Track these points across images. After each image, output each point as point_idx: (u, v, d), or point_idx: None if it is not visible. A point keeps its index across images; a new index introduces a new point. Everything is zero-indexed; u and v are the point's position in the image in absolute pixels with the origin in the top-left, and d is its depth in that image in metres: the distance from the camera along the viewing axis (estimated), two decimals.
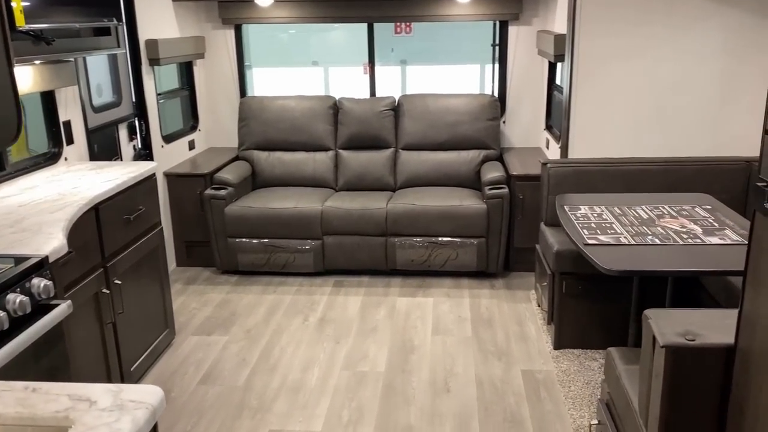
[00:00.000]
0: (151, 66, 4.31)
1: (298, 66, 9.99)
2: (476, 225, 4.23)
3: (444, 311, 3.95)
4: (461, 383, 3.20)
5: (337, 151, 4.93)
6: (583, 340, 3.45)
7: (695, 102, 3.70)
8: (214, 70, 5.19)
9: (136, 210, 3.16)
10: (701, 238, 2.61)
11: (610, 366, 2.29)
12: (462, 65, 9.29)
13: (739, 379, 1.61)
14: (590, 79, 3.74)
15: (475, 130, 4.75)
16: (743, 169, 3.57)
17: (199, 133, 5.16)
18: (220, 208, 4.44)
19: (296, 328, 3.79)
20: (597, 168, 3.69)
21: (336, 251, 4.41)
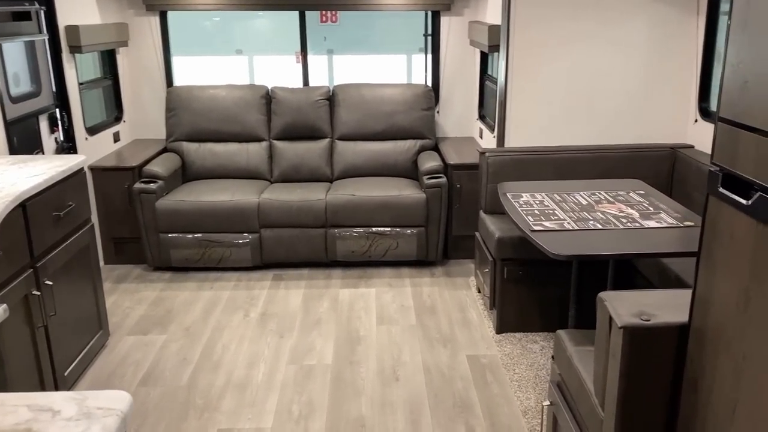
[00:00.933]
0: (72, 54, 4.08)
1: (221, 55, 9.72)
2: (416, 214, 4.26)
3: (387, 301, 3.96)
4: (409, 371, 3.22)
5: (271, 142, 4.83)
6: (523, 323, 3.55)
7: (623, 92, 3.85)
8: (138, 59, 4.97)
9: (66, 206, 2.99)
10: (639, 222, 2.73)
11: (560, 348, 2.36)
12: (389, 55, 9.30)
13: (694, 356, 1.69)
14: (525, 70, 3.83)
15: (411, 120, 4.77)
16: (668, 155, 3.76)
17: (124, 125, 4.93)
18: (151, 203, 4.26)
19: (237, 324, 3.71)
20: (533, 156, 3.78)
21: (274, 244, 4.33)
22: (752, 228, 1.42)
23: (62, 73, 3.99)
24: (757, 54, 1.42)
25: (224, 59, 9.74)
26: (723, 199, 1.53)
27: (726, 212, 1.52)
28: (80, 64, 4.31)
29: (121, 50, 4.85)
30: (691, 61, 3.77)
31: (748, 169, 1.45)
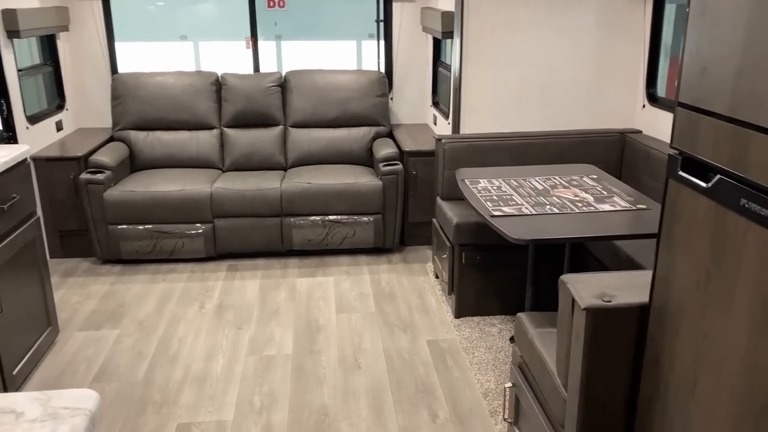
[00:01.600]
0: (10, 39, 3.89)
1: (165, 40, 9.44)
2: (372, 202, 4.25)
3: (346, 289, 3.95)
4: (371, 358, 3.22)
5: (222, 130, 4.73)
6: (481, 307, 3.60)
7: (573, 78, 3.92)
8: (80, 45, 4.78)
9: (9, 199, 2.86)
10: (594, 206, 2.79)
11: (521, 330, 2.40)
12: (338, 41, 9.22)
13: (654, 335, 1.74)
14: (478, 56, 3.85)
15: (365, 106, 4.75)
16: (618, 140, 3.85)
17: (67, 113, 4.74)
18: (98, 194, 4.13)
19: (193, 316, 3.63)
20: (488, 142, 3.82)
21: (228, 234, 4.25)
22: (712, 210, 1.47)
23: (0, 59, 3.80)
24: (714, 40, 1.46)
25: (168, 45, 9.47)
26: (683, 182, 1.58)
27: (686, 195, 1.57)
28: (18, 50, 4.11)
29: (62, 35, 4.65)
30: (638, 48, 3.87)
31: (707, 152, 1.49)
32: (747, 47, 1.34)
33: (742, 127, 1.37)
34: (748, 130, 1.34)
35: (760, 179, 1.30)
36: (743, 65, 1.35)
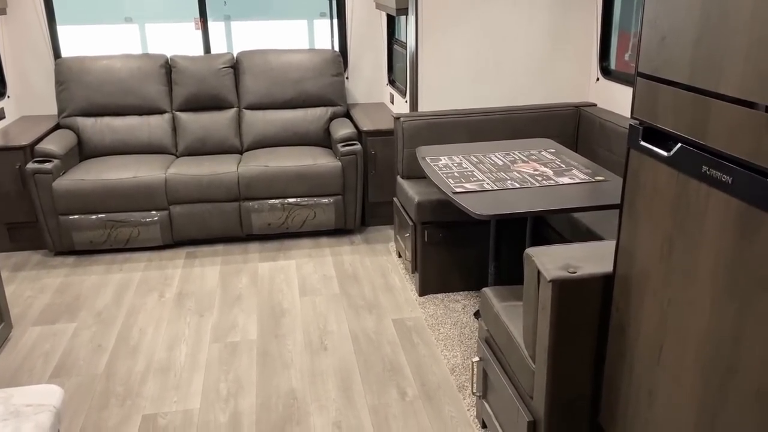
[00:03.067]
0: None
1: (108, 23, 9.12)
2: (332, 183, 4.21)
3: (308, 272, 3.92)
4: (337, 340, 3.21)
5: (174, 114, 4.61)
6: (444, 284, 3.62)
7: (528, 53, 3.94)
8: (19, 28, 4.57)
9: None
10: (554, 180, 2.82)
11: (487, 305, 2.42)
12: (289, 21, 9.06)
13: (619, 304, 1.77)
14: (434, 33, 3.83)
15: (321, 86, 4.68)
16: (573, 113, 3.89)
17: (9, 100, 4.54)
18: (47, 184, 3.98)
19: (153, 305, 3.55)
20: (446, 120, 3.82)
21: (185, 221, 4.16)
22: (673, 178, 1.49)
23: None
24: (673, 9, 1.47)
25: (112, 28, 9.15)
26: (644, 152, 1.60)
27: (647, 164, 1.59)
28: None
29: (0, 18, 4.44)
30: (591, 21, 3.90)
31: (667, 121, 1.51)
32: (705, 15, 1.36)
33: (701, 95, 1.38)
34: (707, 98, 1.36)
35: (720, 146, 1.33)
36: (702, 33, 1.37)
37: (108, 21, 9.28)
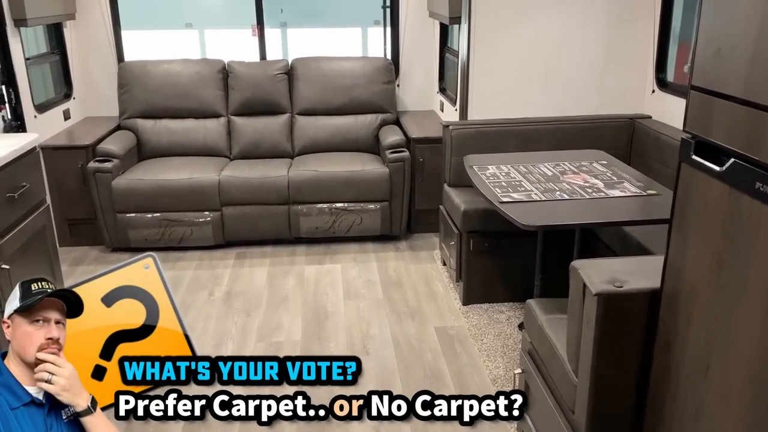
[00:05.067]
0: (17, 27, 3.89)
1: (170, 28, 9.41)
2: (379, 189, 4.24)
3: (353, 276, 3.95)
4: (379, 344, 3.23)
5: (230, 118, 4.73)
6: (489, 294, 3.60)
7: (582, 63, 3.89)
8: (86, 33, 4.77)
9: (20, 187, 2.87)
10: (604, 192, 2.78)
11: (531, 317, 2.40)
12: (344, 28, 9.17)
13: (666, 319, 1.74)
14: (486, 42, 3.83)
15: (371, 93, 4.73)
16: (627, 126, 3.83)
17: (75, 102, 4.75)
18: (107, 182, 4.13)
19: (203, 303, 3.65)
20: (496, 129, 3.80)
21: (236, 222, 4.26)
22: (725, 194, 1.46)
23: (7, 47, 3.80)
24: (729, 21, 1.44)
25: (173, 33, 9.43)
26: (696, 167, 1.57)
27: (699, 179, 1.56)
28: (26, 38, 4.11)
29: (69, 24, 4.64)
30: (648, 32, 3.83)
31: (720, 136, 1.48)
32: (763, 28, 1.33)
33: (757, 109, 1.35)
34: (763, 112, 1.33)
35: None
36: (759, 46, 1.34)
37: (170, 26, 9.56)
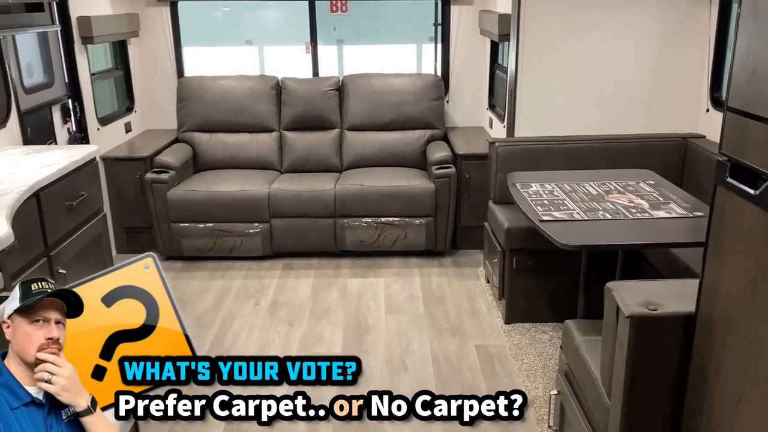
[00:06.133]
0: (84, 44, 4.11)
1: (231, 45, 9.70)
2: (424, 204, 4.27)
3: (396, 290, 3.98)
4: (418, 360, 3.24)
5: (281, 132, 4.85)
6: (532, 314, 3.55)
7: (633, 81, 3.83)
8: (149, 49, 4.99)
9: (78, 196, 3.02)
10: (649, 212, 2.73)
11: (568, 338, 2.37)
12: (399, 45, 9.26)
13: (701, 345, 1.70)
14: (535, 59, 3.81)
15: (420, 109, 4.77)
16: (679, 145, 3.74)
17: (136, 115, 4.96)
18: (162, 193, 4.30)
19: (248, 312, 3.74)
20: (542, 146, 3.78)
21: (284, 234, 4.35)
22: (760, 218, 1.42)
23: (74, 63, 4.02)
24: (766, 43, 1.41)
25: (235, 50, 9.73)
26: (731, 189, 1.53)
27: (734, 202, 1.53)
28: (92, 54, 4.34)
29: (132, 41, 4.87)
30: (702, 49, 3.74)
31: (756, 158, 1.45)
32: None
33: None
34: None
35: None
36: None
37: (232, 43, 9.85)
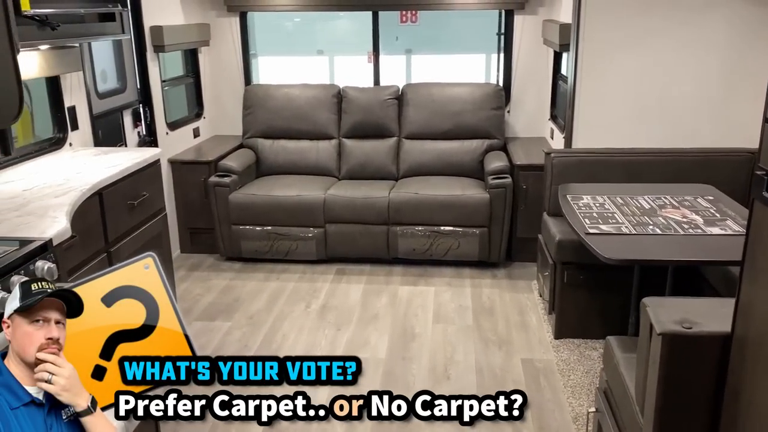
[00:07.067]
0: (156, 53, 4.32)
1: (304, 55, 9.96)
2: (479, 214, 4.24)
3: (445, 300, 3.96)
4: (461, 370, 3.22)
5: (341, 140, 4.93)
6: (583, 329, 3.46)
7: (698, 92, 3.68)
8: (219, 58, 5.19)
9: (140, 196, 3.18)
10: (702, 229, 2.62)
11: (609, 354, 2.31)
12: (468, 55, 9.24)
13: (735, 367, 1.62)
14: (595, 69, 3.73)
15: (479, 119, 4.75)
16: (747, 160, 3.56)
17: (204, 121, 5.17)
18: (224, 196, 4.46)
19: (298, 314, 3.82)
20: (600, 158, 3.69)
21: (338, 239, 4.42)
22: None
23: (146, 71, 4.24)
24: None
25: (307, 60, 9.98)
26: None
27: None
28: (167, 62, 4.55)
29: (203, 49, 5.08)
30: None
31: None
32: None
33: None
34: None
35: None
36: None
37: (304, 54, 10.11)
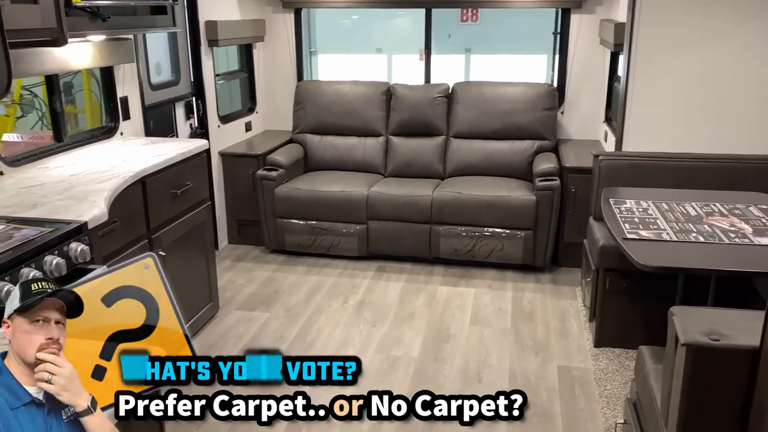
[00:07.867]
0: (210, 47, 4.43)
1: (363, 53, 10.01)
2: (524, 217, 4.15)
3: (485, 302, 3.90)
4: (494, 374, 3.16)
5: (388, 137, 4.93)
6: (624, 338, 3.34)
7: (756, 97, 3.49)
8: (273, 54, 5.27)
9: (184, 185, 3.26)
10: (750, 238, 2.48)
11: (641, 364, 2.22)
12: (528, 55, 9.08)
13: (763, 384, 1.52)
14: (648, 71, 3.59)
15: (530, 119, 4.65)
16: None
17: (257, 116, 5.26)
18: (271, 189, 4.52)
19: (335, 309, 3.84)
20: (650, 162, 3.55)
21: (380, 236, 4.42)
22: None
23: (200, 65, 4.35)
24: None
25: (365, 57, 10.02)
26: None
27: None
28: (223, 56, 4.64)
29: (258, 45, 5.17)
30: None
31: None
32: None
33: None
34: None
35: None
36: None
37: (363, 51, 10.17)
